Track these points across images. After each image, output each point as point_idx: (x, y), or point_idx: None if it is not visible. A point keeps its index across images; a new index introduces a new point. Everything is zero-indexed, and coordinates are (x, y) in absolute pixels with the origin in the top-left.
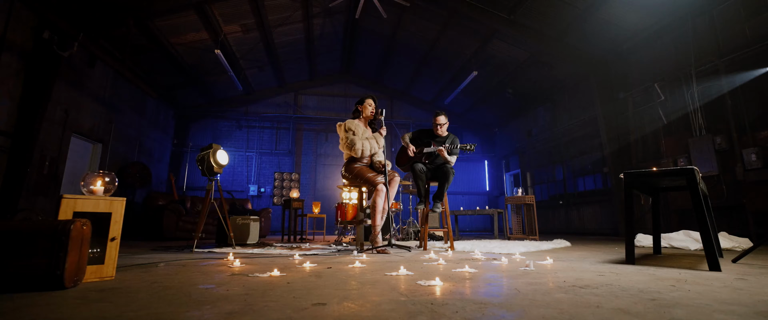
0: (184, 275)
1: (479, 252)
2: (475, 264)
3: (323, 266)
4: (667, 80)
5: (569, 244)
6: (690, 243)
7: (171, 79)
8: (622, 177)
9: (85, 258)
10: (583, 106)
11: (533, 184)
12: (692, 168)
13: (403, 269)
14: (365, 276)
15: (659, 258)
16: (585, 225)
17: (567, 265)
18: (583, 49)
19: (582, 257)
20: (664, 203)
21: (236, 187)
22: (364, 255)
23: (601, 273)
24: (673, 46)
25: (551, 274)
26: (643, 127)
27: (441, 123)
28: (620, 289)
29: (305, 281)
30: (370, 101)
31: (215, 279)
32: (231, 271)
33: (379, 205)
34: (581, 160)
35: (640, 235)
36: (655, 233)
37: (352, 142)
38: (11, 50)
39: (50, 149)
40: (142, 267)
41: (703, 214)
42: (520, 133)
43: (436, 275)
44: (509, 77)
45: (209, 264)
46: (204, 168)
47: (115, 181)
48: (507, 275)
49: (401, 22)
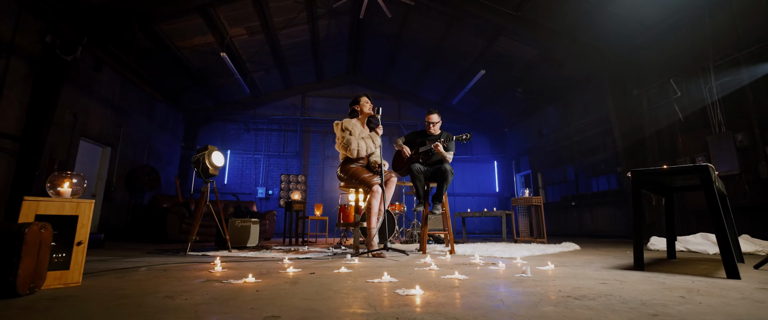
0: (155, 281)
1: (479, 256)
2: (470, 269)
3: (307, 271)
4: (683, 75)
5: (578, 248)
6: (708, 247)
7: (179, 82)
8: (630, 176)
9: (45, 263)
10: (595, 104)
11: (544, 185)
12: (706, 166)
13: (387, 276)
14: (343, 283)
15: (672, 264)
16: (599, 227)
17: (568, 271)
18: (594, 45)
19: (588, 262)
20: (681, 204)
21: (244, 190)
22: (356, 260)
23: (604, 281)
24: (689, 40)
25: (548, 282)
26: (659, 124)
27: (434, 121)
28: (620, 301)
29: (277, 289)
30: (366, 99)
31: (184, 286)
32: (207, 277)
33: (375, 207)
34: (594, 160)
35: (654, 238)
36: (669, 236)
37: (348, 142)
38: (19, 55)
39: (59, 152)
40: (121, 272)
41: (719, 215)
42: (531, 133)
43: (421, 283)
44: (518, 75)
45: (191, 268)
46: (199, 170)
47: (84, 183)
48: (498, 283)
49: (406, 22)
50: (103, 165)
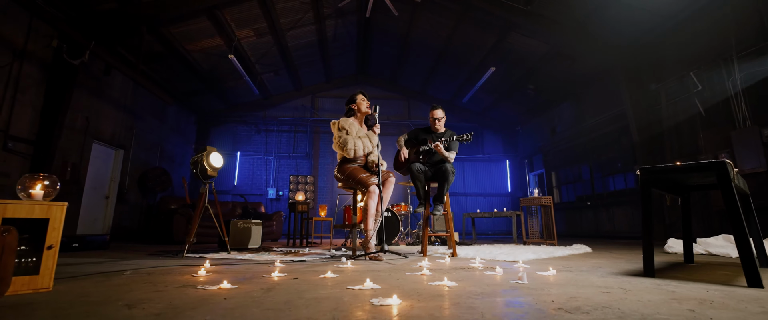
0: (129, 287)
1: (480, 259)
2: (464, 275)
3: (291, 276)
4: (704, 68)
5: (589, 250)
6: (731, 250)
7: (189, 85)
8: (638, 174)
9: (9, 268)
10: (610, 100)
11: (559, 184)
12: (723, 162)
13: (370, 282)
14: (320, 290)
15: (689, 269)
16: (616, 227)
17: (570, 277)
18: (607, 39)
19: (596, 266)
20: (704, 204)
21: (255, 191)
22: (350, 263)
23: (607, 289)
24: (710, 30)
25: (543, 290)
26: (678, 119)
27: (438, 117)
28: (617, 316)
29: (247, 297)
30: (362, 97)
31: (153, 293)
32: (186, 282)
33: (371, 208)
34: (610, 158)
35: (671, 240)
36: (686, 238)
37: (345, 142)
38: (32, 61)
39: (72, 155)
40: (104, 276)
41: (738, 215)
42: (544, 131)
43: (404, 291)
44: (529, 72)
45: (176, 272)
46: (198, 171)
47: (56, 185)
48: (488, 292)
49: (414, 20)
50: (116, 168)
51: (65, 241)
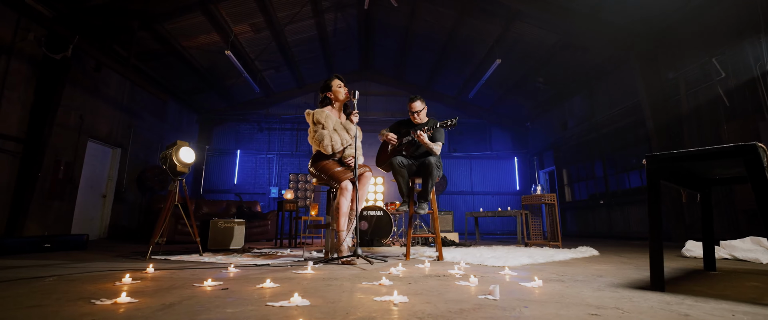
0: (14, 301)
1: (464, 264)
2: (429, 285)
3: (226, 285)
4: (728, 54)
5: (596, 253)
6: (761, 255)
7: (189, 83)
8: (645, 163)
9: None
10: (624, 92)
11: (570, 182)
12: (753, 144)
13: (297, 297)
14: (228, 308)
15: (710, 279)
16: (631, 227)
17: (557, 291)
18: (621, 25)
19: (596, 275)
20: (728, 200)
21: (257, 190)
22: (309, 269)
23: (597, 311)
24: (734, 11)
25: (513, 311)
26: (699, 111)
27: (417, 109)
28: None
29: (137, 314)
30: (338, 82)
31: (35, 306)
32: (87, 294)
33: (344, 206)
34: (625, 154)
35: (690, 243)
36: (707, 241)
37: (321, 137)
38: (20, 57)
39: (65, 154)
40: (24, 282)
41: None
42: (555, 126)
43: (337, 308)
44: (538, 64)
45: (103, 279)
46: (167, 167)
47: None
48: (437, 313)
49: (415, 12)
50: (114, 166)
51: (36, 241)
